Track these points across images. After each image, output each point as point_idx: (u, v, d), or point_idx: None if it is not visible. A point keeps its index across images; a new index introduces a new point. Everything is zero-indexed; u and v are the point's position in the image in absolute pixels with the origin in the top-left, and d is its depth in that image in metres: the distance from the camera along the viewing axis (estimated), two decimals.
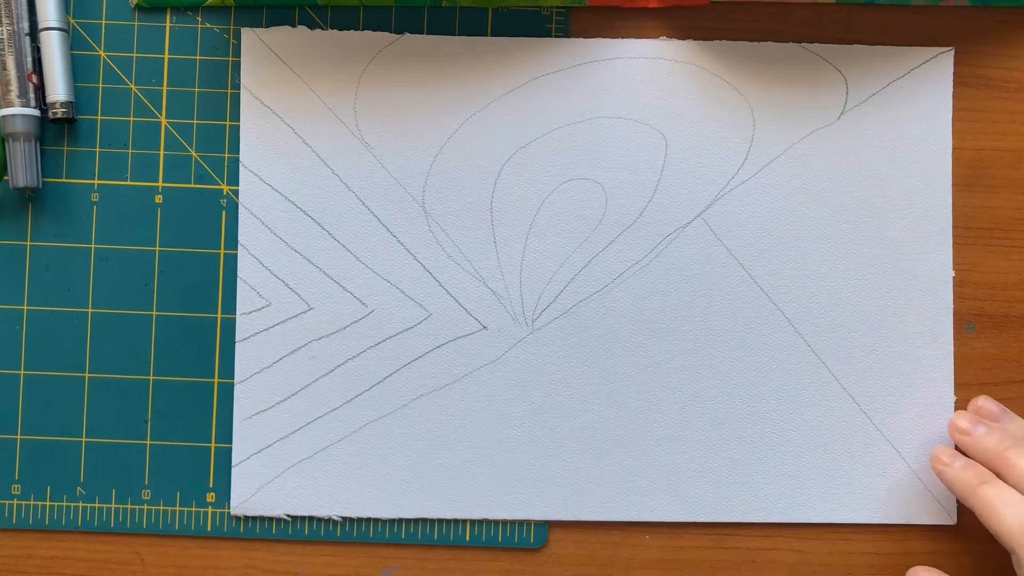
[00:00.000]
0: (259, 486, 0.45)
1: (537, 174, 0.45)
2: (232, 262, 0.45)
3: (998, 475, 0.42)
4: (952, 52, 0.46)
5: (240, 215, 0.45)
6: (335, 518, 0.45)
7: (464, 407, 0.45)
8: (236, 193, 0.45)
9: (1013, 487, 0.41)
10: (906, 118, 0.46)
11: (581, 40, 0.46)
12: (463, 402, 0.45)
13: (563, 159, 0.45)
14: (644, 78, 0.45)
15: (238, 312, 0.45)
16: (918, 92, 0.46)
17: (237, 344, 0.45)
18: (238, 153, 0.45)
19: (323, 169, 0.45)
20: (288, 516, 0.45)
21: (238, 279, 0.45)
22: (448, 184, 0.45)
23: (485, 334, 0.45)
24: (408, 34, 0.45)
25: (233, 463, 0.45)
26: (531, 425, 0.45)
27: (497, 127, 0.45)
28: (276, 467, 0.45)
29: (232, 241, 0.45)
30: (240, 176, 0.45)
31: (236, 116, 0.46)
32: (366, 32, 0.45)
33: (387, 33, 0.45)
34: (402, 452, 0.45)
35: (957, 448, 0.44)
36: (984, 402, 0.45)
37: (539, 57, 0.45)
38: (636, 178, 0.45)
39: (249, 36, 0.45)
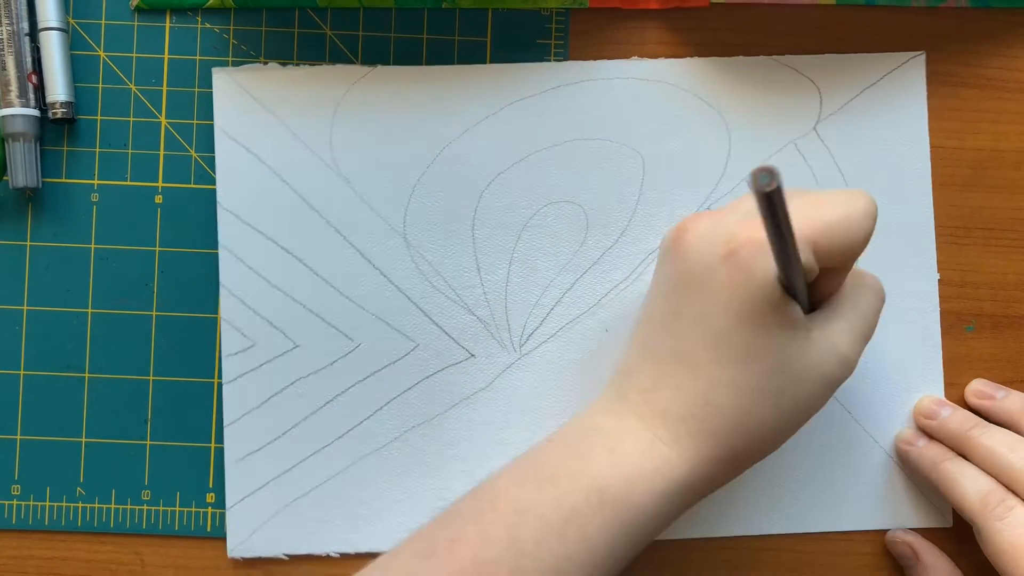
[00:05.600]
0: (255, 527, 0.45)
1: (517, 199, 0.45)
2: None
3: (963, 455, 0.44)
4: (923, 56, 0.46)
5: (220, 256, 0.45)
6: (333, 555, 0.45)
7: (457, 436, 0.45)
8: None
9: (979, 464, 0.43)
10: (881, 124, 0.46)
11: (552, 64, 0.45)
12: (456, 431, 0.45)
13: (542, 183, 0.45)
14: (618, 99, 0.45)
15: (223, 354, 0.45)
16: (892, 97, 0.46)
17: (224, 386, 0.45)
18: None
19: (302, 205, 0.45)
20: (286, 556, 0.45)
21: (221, 320, 0.45)
22: (428, 214, 0.45)
23: (474, 362, 0.45)
24: (380, 66, 0.45)
25: (227, 506, 0.45)
26: (530, 448, 0.45)
27: (475, 154, 0.45)
28: (271, 507, 0.45)
29: None
30: (218, 216, 0.45)
31: None
32: (338, 66, 0.45)
33: (359, 66, 0.45)
34: (398, 485, 0.45)
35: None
36: (979, 385, 0.46)
37: (512, 83, 0.45)
38: (616, 198, 0.45)
39: (221, 76, 0.45)
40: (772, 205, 0.29)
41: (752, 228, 0.34)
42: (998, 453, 0.42)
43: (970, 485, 0.42)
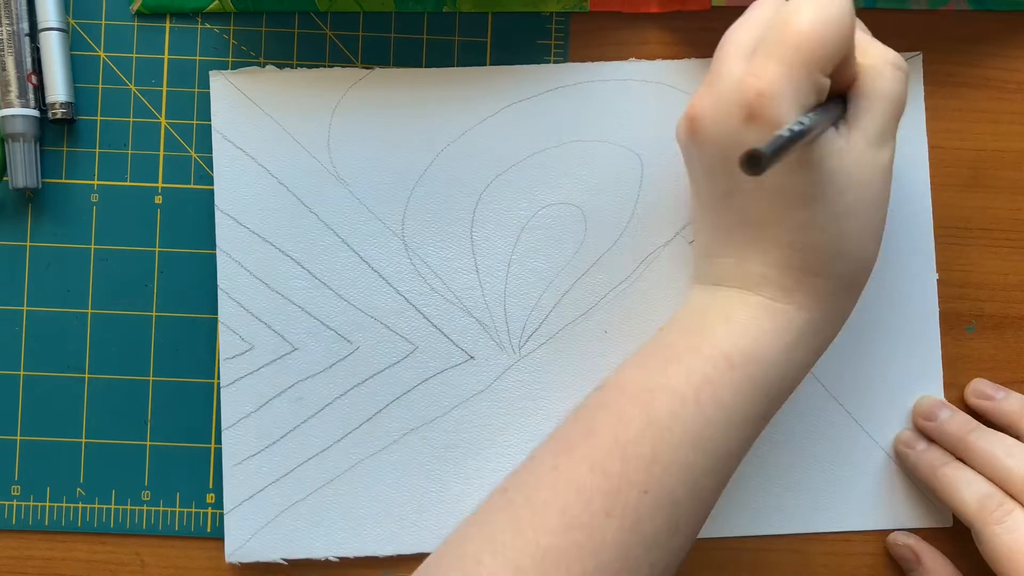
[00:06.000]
0: (253, 532, 0.45)
1: (516, 201, 0.45)
2: None
3: (962, 458, 0.43)
4: (920, 56, 0.46)
5: (218, 259, 0.45)
6: (332, 559, 0.45)
7: (456, 439, 0.45)
8: None
9: (977, 469, 0.42)
10: None
11: (550, 66, 0.45)
12: (455, 434, 0.45)
13: (541, 185, 0.45)
14: (616, 100, 0.45)
15: (221, 357, 0.45)
16: None
17: (222, 389, 0.45)
18: None
19: (300, 208, 0.45)
20: (284, 560, 0.45)
21: (219, 324, 0.45)
22: (427, 216, 0.45)
23: (472, 364, 0.45)
24: (378, 68, 0.45)
25: (225, 510, 0.45)
26: (525, 452, 0.45)
27: (473, 156, 0.45)
28: (269, 512, 0.45)
29: None
30: (216, 220, 0.45)
31: None
32: (336, 68, 0.45)
33: (357, 68, 0.45)
34: (396, 488, 0.45)
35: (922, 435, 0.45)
36: (979, 384, 0.46)
37: (510, 84, 0.45)
38: (614, 200, 0.45)
39: (218, 80, 0.45)
40: (784, 154, 0.30)
41: (754, 80, 0.34)
42: (996, 457, 0.42)
43: (968, 490, 0.42)
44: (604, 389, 0.38)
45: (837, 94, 0.37)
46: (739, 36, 0.37)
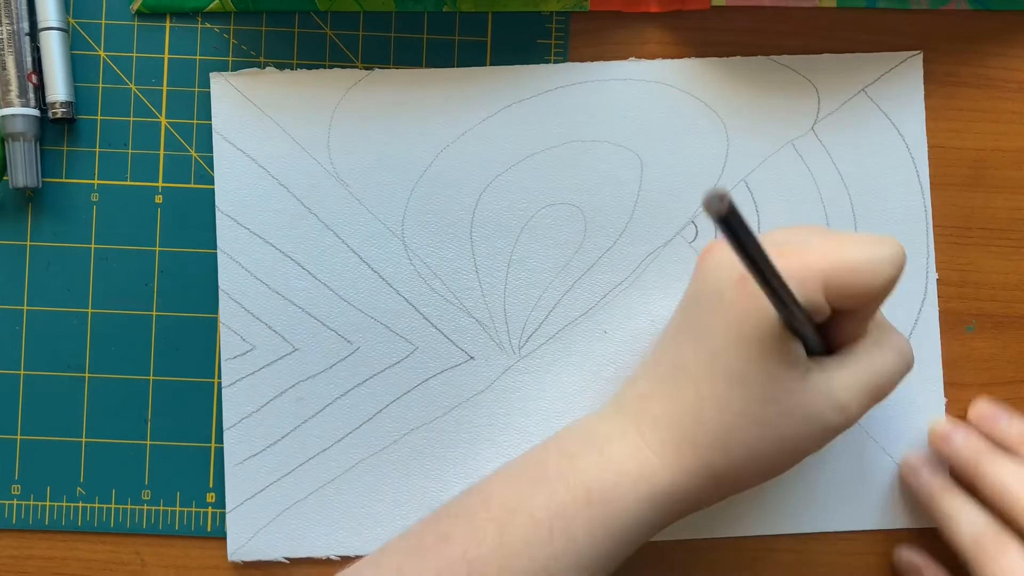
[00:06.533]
0: (255, 531, 0.45)
1: (515, 201, 0.45)
2: None
3: (972, 482, 0.43)
4: (920, 55, 0.46)
5: (219, 260, 0.45)
6: (333, 558, 0.45)
7: (456, 439, 0.45)
8: None
9: (987, 495, 0.41)
10: (880, 123, 0.46)
11: (550, 66, 0.45)
12: (455, 434, 0.45)
13: (540, 185, 0.45)
14: (615, 100, 0.45)
15: (222, 358, 0.45)
16: (890, 96, 0.46)
17: (224, 390, 0.45)
18: None
19: (300, 209, 0.45)
20: (286, 559, 0.45)
21: (220, 325, 0.45)
22: (426, 216, 0.45)
23: (472, 364, 0.45)
24: (378, 69, 0.45)
25: (227, 509, 0.45)
26: (525, 452, 0.45)
27: (472, 156, 0.45)
28: (271, 511, 0.45)
29: None
30: (217, 221, 0.45)
31: None
32: (336, 69, 0.45)
33: (357, 69, 0.45)
34: (397, 488, 0.45)
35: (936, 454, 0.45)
36: (983, 406, 0.45)
37: (510, 85, 0.45)
38: (613, 200, 0.45)
39: (218, 81, 0.45)
40: (731, 228, 0.28)
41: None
42: (1005, 485, 0.41)
43: (964, 523, 0.41)
44: (470, 495, 0.38)
45: (837, 342, 0.37)
46: (788, 229, 0.38)
